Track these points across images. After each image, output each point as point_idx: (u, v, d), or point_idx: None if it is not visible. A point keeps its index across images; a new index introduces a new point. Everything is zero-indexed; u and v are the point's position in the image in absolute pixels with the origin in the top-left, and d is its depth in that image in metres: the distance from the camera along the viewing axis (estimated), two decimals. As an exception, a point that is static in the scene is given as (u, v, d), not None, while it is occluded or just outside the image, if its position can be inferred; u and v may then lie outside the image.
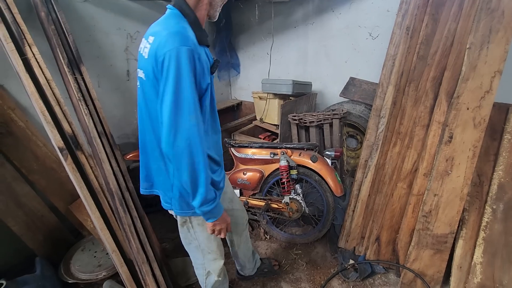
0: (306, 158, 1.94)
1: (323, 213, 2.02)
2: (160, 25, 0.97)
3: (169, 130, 0.90)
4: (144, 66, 0.97)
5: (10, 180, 1.78)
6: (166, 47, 0.87)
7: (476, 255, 1.56)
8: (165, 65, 0.87)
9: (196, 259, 1.32)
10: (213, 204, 1.02)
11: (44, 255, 1.86)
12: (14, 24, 1.47)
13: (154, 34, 0.94)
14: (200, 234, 1.21)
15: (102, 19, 2.26)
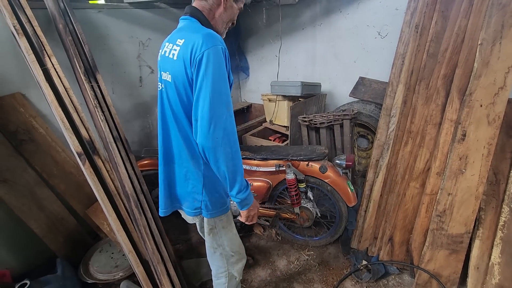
0: (315, 168, 1.84)
1: (335, 220, 1.98)
2: (187, 30, 1.02)
3: (209, 122, 0.93)
4: (171, 68, 1.01)
5: (33, 184, 1.87)
6: (203, 47, 0.91)
7: (493, 256, 1.52)
8: (204, 63, 0.91)
9: (219, 268, 1.34)
10: (248, 191, 1.07)
11: (65, 256, 1.94)
12: (35, 37, 1.55)
13: (184, 37, 0.98)
14: (224, 238, 1.25)
15: (116, 28, 2.35)
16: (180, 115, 1.04)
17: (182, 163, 1.12)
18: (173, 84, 1.01)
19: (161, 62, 1.08)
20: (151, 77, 2.68)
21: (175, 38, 1.02)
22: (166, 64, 1.03)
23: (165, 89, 1.06)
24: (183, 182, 1.15)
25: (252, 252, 2.10)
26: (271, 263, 2.00)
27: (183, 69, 0.96)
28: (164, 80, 1.05)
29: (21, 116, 1.86)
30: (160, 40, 2.78)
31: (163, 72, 1.05)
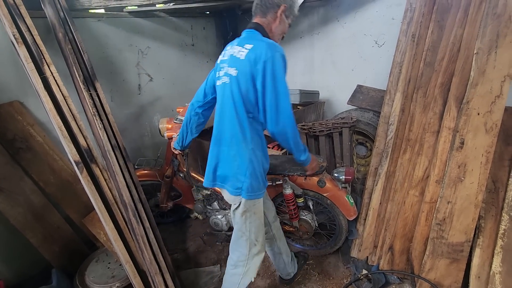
0: (313, 182, 1.79)
1: (335, 232, 1.95)
2: (253, 38, 1.26)
3: (277, 112, 1.19)
4: (238, 65, 1.23)
5: (29, 193, 1.85)
6: (268, 52, 1.16)
7: (494, 264, 1.51)
8: (269, 65, 1.15)
9: (241, 256, 1.43)
10: (307, 152, 1.41)
11: (60, 267, 1.91)
12: (34, 45, 1.56)
13: (252, 43, 1.21)
14: (253, 224, 1.38)
15: (115, 36, 2.36)
16: (239, 104, 1.24)
17: (233, 145, 1.28)
18: (237, 78, 1.22)
19: (229, 59, 1.28)
20: (150, 85, 2.69)
21: (243, 43, 1.25)
22: (233, 62, 1.25)
23: (230, 82, 1.25)
24: (230, 162, 1.30)
25: (251, 261, 2.08)
26: (270, 272, 1.97)
27: (248, 67, 1.19)
28: (229, 74, 1.25)
29: (18, 124, 1.85)
30: (160, 48, 2.82)
31: (229, 67, 1.25)
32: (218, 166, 1.36)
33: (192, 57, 3.02)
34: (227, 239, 2.24)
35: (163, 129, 1.91)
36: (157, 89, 2.76)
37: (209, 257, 2.14)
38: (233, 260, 1.46)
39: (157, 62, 2.70)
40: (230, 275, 1.47)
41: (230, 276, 1.47)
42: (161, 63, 2.74)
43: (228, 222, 2.14)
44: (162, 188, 2.16)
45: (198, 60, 3.10)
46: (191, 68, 3.04)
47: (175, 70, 2.89)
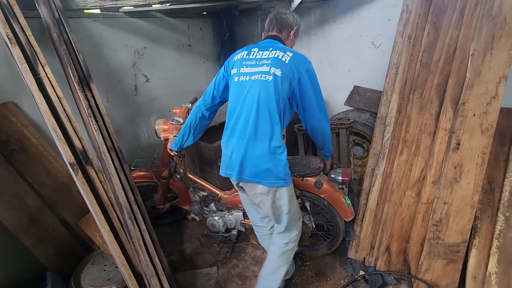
0: (310, 183, 1.78)
1: (332, 233, 1.95)
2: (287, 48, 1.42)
3: (320, 111, 1.43)
4: (283, 68, 1.35)
5: (23, 195, 1.82)
6: (308, 62, 1.40)
7: (490, 265, 1.51)
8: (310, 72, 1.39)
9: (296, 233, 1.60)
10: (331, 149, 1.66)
11: (55, 269, 1.88)
12: (28, 46, 1.54)
13: (292, 52, 1.39)
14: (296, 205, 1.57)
15: (111, 37, 2.35)
16: (277, 100, 1.34)
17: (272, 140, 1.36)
18: (281, 78, 1.34)
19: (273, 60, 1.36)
20: (146, 85, 2.67)
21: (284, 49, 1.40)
22: (280, 64, 1.35)
23: (273, 80, 1.34)
24: (267, 157, 1.36)
25: (248, 263, 2.07)
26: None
27: (291, 71, 1.35)
28: (274, 73, 1.34)
29: (12, 126, 1.82)
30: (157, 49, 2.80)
31: (275, 68, 1.34)
32: (248, 161, 1.38)
33: (189, 58, 3.01)
34: (224, 240, 2.23)
35: (159, 130, 1.90)
36: (154, 90, 2.75)
37: (206, 259, 2.13)
38: (287, 238, 1.57)
39: (153, 63, 2.68)
40: (282, 253, 1.58)
41: (282, 254, 1.58)
42: (157, 63, 2.72)
43: (225, 224, 2.13)
44: (159, 189, 2.15)
45: (195, 61, 3.09)
46: (188, 69, 3.03)
47: (172, 70, 2.87)
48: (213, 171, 2.65)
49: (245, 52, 1.45)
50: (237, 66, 1.43)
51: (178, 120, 1.82)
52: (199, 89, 3.21)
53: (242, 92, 1.39)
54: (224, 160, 1.48)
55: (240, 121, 1.39)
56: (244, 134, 1.37)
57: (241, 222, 2.12)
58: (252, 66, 1.39)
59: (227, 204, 2.09)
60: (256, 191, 1.45)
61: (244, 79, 1.39)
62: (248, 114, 1.36)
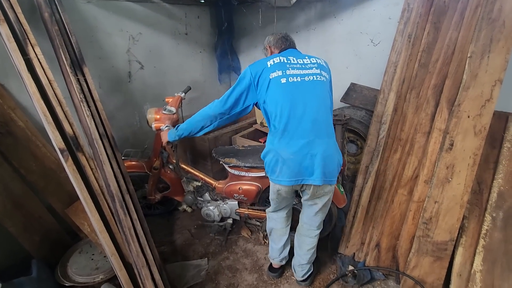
0: None
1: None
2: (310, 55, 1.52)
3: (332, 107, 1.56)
4: (326, 71, 1.49)
5: (8, 180, 1.76)
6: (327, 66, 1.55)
7: (475, 263, 1.56)
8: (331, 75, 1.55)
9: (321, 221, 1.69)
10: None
11: (40, 257, 1.83)
12: (17, 24, 1.46)
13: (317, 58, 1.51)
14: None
15: (105, 20, 2.26)
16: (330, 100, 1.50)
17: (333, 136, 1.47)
18: (326, 81, 1.47)
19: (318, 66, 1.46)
20: (140, 73, 2.60)
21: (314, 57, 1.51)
22: (323, 69, 1.48)
23: (326, 82, 1.46)
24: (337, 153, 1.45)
25: (239, 255, 2.07)
26: (258, 267, 1.97)
27: (329, 75, 1.52)
28: (325, 76, 1.46)
29: (-2, 108, 1.74)
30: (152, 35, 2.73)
31: (323, 71, 1.46)
32: (327, 160, 1.40)
33: (185, 46, 2.94)
34: (219, 230, 2.22)
35: (151, 120, 1.85)
36: (148, 78, 2.68)
37: (197, 250, 2.12)
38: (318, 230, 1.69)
39: (148, 50, 2.61)
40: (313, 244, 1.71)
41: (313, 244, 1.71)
42: (152, 50, 2.65)
43: (220, 213, 2.13)
44: (150, 179, 2.11)
45: (191, 50, 3.02)
46: (183, 58, 2.97)
47: (167, 59, 2.80)
48: (206, 162, 2.63)
49: (283, 58, 1.44)
50: (279, 69, 1.39)
51: (170, 110, 1.78)
52: (195, 79, 3.15)
53: (297, 93, 1.37)
54: (289, 165, 1.39)
55: (307, 121, 1.37)
56: (317, 133, 1.38)
57: (236, 211, 2.12)
58: (299, 69, 1.41)
59: (221, 194, 2.08)
60: (324, 190, 1.48)
61: (296, 80, 1.38)
62: (315, 113, 1.38)
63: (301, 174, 1.40)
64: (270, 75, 1.39)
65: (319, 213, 1.61)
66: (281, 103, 1.37)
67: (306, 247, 1.71)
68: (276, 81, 1.38)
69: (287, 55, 1.47)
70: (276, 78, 1.38)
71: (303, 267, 1.76)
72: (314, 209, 1.59)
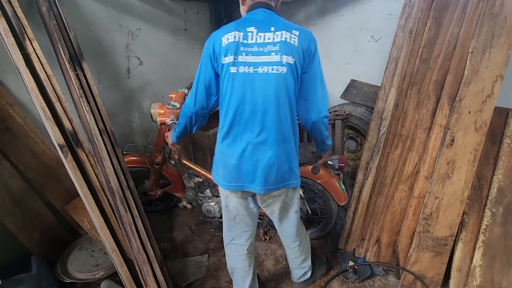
0: (307, 169, 1.84)
1: (326, 217, 2.01)
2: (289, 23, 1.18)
3: (323, 100, 1.22)
4: (293, 53, 1.12)
5: (7, 177, 1.74)
6: (314, 40, 1.17)
7: (475, 258, 1.57)
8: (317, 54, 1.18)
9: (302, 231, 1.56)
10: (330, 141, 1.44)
11: (40, 254, 1.83)
12: (15, 18, 1.44)
13: (297, 29, 1.14)
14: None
15: (103, 15, 2.23)
16: (292, 96, 1.17)
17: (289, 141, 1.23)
18: (294, 66, 1.13)
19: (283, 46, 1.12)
20: (139, 69, 2.58)
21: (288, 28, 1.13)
22: (287, 48, 1.12)
23: (288, 71, 1.13)
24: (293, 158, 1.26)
25: (240, 251, 2.07)
26: (258, 263, 1.98)
27: (301, 55, 1.13)
28: (287, 63, 1.12)
29: (-4, 104, 1.72)
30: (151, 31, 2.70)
31: (287, 55, 1.11)
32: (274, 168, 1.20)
33: (184, 42, 2.92)
34: (220, 226, 2.22)
35: (155, 114, 1.84)
36: (147, 74, 2.66)
37: (197, 247, 2.12)
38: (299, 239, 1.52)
39: (147, 45, 2.59)
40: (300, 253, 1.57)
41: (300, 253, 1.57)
42: (151, 46, 2.62)
43: (221, 209, 2.12)
44: (151, 175, 2.10)
45: (190, 46, 3.00)
46: (183, 54, 2.94)
47: (166, 54, 2.78)
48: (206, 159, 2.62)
49: (240, 35, 1.13)
50: (232, 52, 1.13)
51: (174, 105, 1.77)
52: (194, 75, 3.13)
53: (248, 87, 1.14)
54: (229, 169, 1.23)
55: (255, 123, 1.16)
56: (266, 138, 1.17)
57: None
58: (255, 54, 1.12)
59: None
60: (272, 194, 1.30)
61: (247, 71, 1.13)
62: (265, 114, 1.15)
63: (242, 180, 1.22)
64: (222, 60, 1.15)
65: (284, 221, 1.43)
66: (228, 100, 1.17)
67: (291, 256, 1.63)
68: (226, 69, 1.15)
69: (248, 25, 1.15)
70: (226, 66, 1.14)
71: (295, 271, 1.69)
72: (274, 217, 1.43)
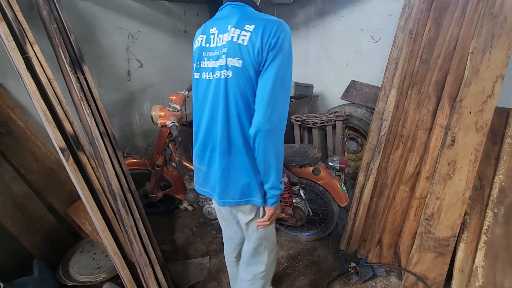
0: (308, 170, 1.85)
1: (327, 218, 2.01)
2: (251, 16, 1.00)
3: (267, 105, 0.95)
4: (240, 53, 0.96)
5: (9, 180, 1.75)
6: (278, 32, 0.93)
7: (477, 259, 1.56)
8: (277, 47, 0.93)
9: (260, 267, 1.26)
10: (283, 185, 1.10)
11: (42, 257, 1.83)
12: (16, 22, 1.45)
13: (253, 22, 0.96)
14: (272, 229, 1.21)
15: (104, 18, 2.24)
16: (244, 103, 1.00)
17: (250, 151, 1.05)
18: (243, 69, 0.97)
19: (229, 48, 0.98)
20: (139, 71, 2.59)
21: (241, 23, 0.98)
22: (234, 50, 0.97)
23: (235, 75, 0.99)
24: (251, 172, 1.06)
25: (241, 253, 2.07)
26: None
27: (254, 53, 0.95)
28: (232, 66, 0.98)
29: (-3, 107, 1.73)
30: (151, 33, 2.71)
31: (232, 58, 0.98)
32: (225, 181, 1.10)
33: (184, 44, 2.93)
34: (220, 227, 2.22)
35: (156, 116, 1.85)
36: (148, 76, 2.66)
37: (198, 249, 2.11)
38: (251, 275, 1.28)
39: (147, 48, 2.60)
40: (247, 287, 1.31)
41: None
42: (152, 48, 2.63)
43: None
44: (152, 177, 2.11)
45: (190, 48, 2.98)
46: (183, 56, 2.95)
47: (167, 57, 2.79)
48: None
49: (203, 38, 1.07)
50: (196, 59, 1.08)
51: (175, 107, 1.78)
52: (194, 77, 3.14)
53: (206, 95, 1.07)
54: (197, 173, 1.19)
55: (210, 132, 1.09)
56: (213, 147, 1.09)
57: None
58: (213, 59, 1.03)
59: None
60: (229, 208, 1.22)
61: (208, 77, 1.05)
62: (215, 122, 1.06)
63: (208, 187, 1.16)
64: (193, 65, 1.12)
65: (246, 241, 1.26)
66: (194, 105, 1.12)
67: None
68: (193, 75, 1.11)
69: (211, 26, 1.06)
70: (193, 71, 1.11)
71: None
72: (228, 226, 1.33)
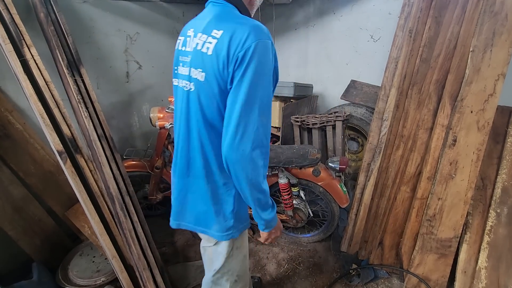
0: (308, 171, 1.84)
1: (327, 219, 2.00)
2: (226, 19, 0.85)
3: (235, 131, 0.79)
4: (203, 64, 0.84)
5: (7, 183, 1.74)
6: (249, 41, 0.77)
7: (480, 260, 1.54)
8: (246, 59, 0.77)
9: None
10: (274, 212, 0.96)
11: (41, 260, 1.82)
12: (13, 25, 1.44)
13: (223, 28, 0.82)
14: (235, 261, 1.09)
15: (102, 20, 2.24)
16: (213, 121, 0.87)
17: (211, 177, 0.94)
18: (206, 84, 0.84)
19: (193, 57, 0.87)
20: (138, 73, 2.58)
21: (208, 28, 0.84)
22: (197, 60, 0.86)
23: (197, 89, 0.87)
24: (209, 199, 0.96)
25: (241, 255, 2.06)
26: (260, 267, 1.96)
27: (218, 66, 0.80)
28: (195, 79, 0.87)
29: (-5, 110, 1.72)
30: (150, 34, 2.70)
31: (195, 69, 0.86)
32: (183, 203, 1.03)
33: (183, 46, 2.92)
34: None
35: (155, 118, 1.84)
36: (146, 78, 2.65)
37: (198, 251, 2.08)
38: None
39: (146, 49, 2.59)
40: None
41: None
42: (150, 50, 2.62)
43: None
44: (152, 179, 2.09)
45: (189, 49, 2.99)
46: (182, 57, 2.94)
47: (165, 58, 2.78)
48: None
49: (180, 40, 0.97)
50: (175, 62, 0.98)
51: (173, 108, 1.77)
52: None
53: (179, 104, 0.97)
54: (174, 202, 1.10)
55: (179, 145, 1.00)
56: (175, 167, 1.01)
57: None
58: (187, 65, 0.91)
59: None
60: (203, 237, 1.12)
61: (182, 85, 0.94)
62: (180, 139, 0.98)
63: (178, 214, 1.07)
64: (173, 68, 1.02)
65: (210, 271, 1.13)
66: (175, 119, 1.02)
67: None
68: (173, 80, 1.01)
69: (189, 27, 0.95)
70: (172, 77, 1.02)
71: None
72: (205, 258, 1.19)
